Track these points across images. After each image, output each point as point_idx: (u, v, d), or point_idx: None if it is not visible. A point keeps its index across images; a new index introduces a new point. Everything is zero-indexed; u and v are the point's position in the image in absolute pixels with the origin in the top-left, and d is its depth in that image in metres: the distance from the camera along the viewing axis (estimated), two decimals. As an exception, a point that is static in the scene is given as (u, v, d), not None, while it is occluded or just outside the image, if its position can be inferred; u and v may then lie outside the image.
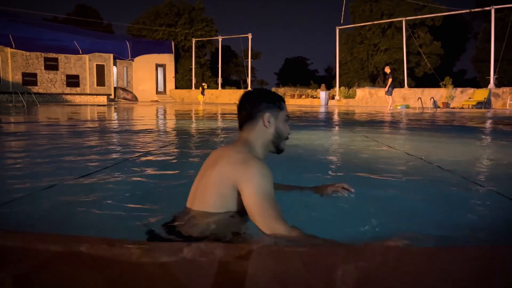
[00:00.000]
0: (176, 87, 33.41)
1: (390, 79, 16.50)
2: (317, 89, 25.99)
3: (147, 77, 31.62)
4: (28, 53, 25.75)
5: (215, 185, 1.51)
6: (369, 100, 22.67)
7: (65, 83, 27.24)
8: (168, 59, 32.56)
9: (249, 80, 30.68)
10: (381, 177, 2.90)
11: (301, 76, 45.45)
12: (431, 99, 17.77)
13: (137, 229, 1.78)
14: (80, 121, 9.98)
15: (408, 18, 25.35)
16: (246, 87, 32.00)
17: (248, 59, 29.92)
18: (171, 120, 11.21)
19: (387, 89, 16.63)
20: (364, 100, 22.83)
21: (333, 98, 24.56)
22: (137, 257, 1.19)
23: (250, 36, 29.12)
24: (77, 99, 26.41)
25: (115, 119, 10.93)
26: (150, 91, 31.81)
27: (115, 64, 29.40)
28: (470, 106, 18.23)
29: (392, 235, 1.41)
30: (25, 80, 25.62)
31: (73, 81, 27.51)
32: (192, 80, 33.03)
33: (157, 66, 32.13)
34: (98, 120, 10.51)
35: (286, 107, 1.73)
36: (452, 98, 19.43)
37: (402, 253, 1.29)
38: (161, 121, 10.96)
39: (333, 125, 8.98)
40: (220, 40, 31.90)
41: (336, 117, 12.42)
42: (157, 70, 32.18)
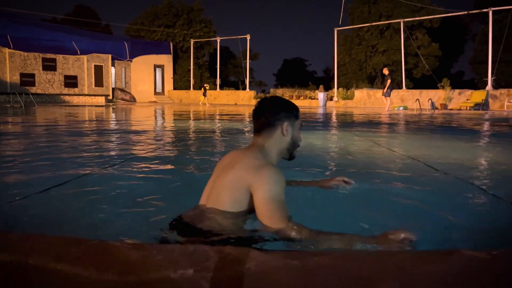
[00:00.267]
0: (175, 88, 33.36)
1: (389, 81, 16.51)
2: (316, 90, 26.02)
3: (145, 78, 31.58)
4: (26, 53, 25.70)
5: (230, 187, 1.59)
6: (367, 101, 22.70)
7: (63, 83, 27.20)
8: (166, 60, 32.53)
9: (247, 81, 30.68)
10: (377, 179, 2.91)
11: (299, 77, 45.49)
12: (429, 100, 17.80)
13: (137, 229, 1.77)
14: (78, 122, 9.96)
15: (406, 19, 25.41)
16: (244, 88, 31.99)
17: (247, 60, 29.92)
18: (174, 121, 11.20)
19: (386, 90, 16.65)
20: (362, 102, 22.86)
21: (331, 99, 24.59)
22: (135, 259, 1.19)
23: (248, 37, 29.14)
24: (75, 99, 26.37)
25: (113, 120, 10.91)
26: (148, 92, 31.76)
27: (113, 64, 29.36)
28: (468, 108, 18.27)
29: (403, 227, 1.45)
30: (23, 81, 25.57)
31: (71, 81, 27.46)
32: (190, 81, 33.00)
33: (156, 67, 32.10)
34: (96, 121, 10.50)
35: (300, 116, 1.81)
36: (450, 100, 19.48)
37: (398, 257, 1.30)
38: (164, 122, 10.95)
39: (331, 126, 8.99)
40: (218, 41, 31.90)
41: (334, 118, 12.43)
42: (155, 71, 32.14)
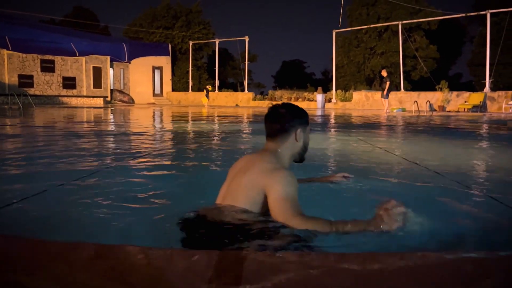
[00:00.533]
0: (173, 90, 33.37)
1: (388, 83, 16.50)
2: (314, 92, 26.05)
3: (144, 79, 31.57)
4: (24, 55, 25.70)
5: (245, 190, 1.69)
6: (365, 103, 22.75)
7: (61, 85, 27.19)
8: (165, 62, 32.53)
9: (246, 83, 30.69)
10: (375, 181, 2.92)
11: (298, 79, 45.53)
12: (427, 102, 17.84)
13: (138, 230, 1.78)
14: (76, 123, 9.96)
15: (404, 22, 25.50)
16: (243, 90, 32.00)
17: (245, 62, 29.93)
18: (178, 123, 11.20)
19: (385, 92, 16.62)
20: (361, 103, 22.90)
21: (329, 101, 24.64)
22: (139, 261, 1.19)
23: (247, 39, 29.19)
24: (74, 101, 26.34)
25: (112, 122, 10.91)
26: (147, 93, 31.75)
27: (112, 66, 29.36)
28: (466, 110, 18.32)
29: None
30: (21, 82, 25.55)
31: (69, 83, 27.45)
32: (189, 82, 33.02)
33: (154, 68, 32.10)
34: (95, 123, 10.50)
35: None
36: (448, 102, 19.54)
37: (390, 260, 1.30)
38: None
39: (329, 128, 9.00)
40: (217, 43, 31.94)
41: (333, 120, 12.45)
42: (154, 72, 32.13)
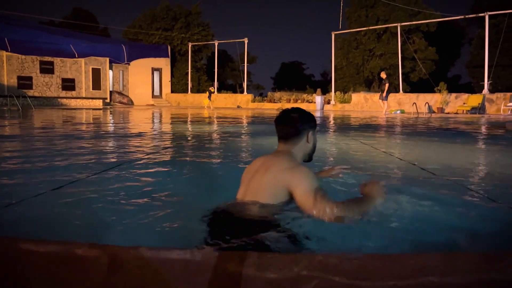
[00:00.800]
0: (172, 91, 33.39)
1: (387, 84, 16.54)
2: (313, 94, 26.08)
3: (143, 81, 31.57)
4: (23, 56, 25.68)
5: (267, 187, 1.80)
6: (364, 105, 22.77)
7: (60, 86, 27.17)
8: (164, 63, 32.55)
9: (245, 85, 30.71)
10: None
11: (297, 81, 45.57)
12: (426, 104, 17.87)
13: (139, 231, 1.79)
14: (76, 125, 9.96)
15: (403, 23, 25.54)
16: (242, 91, 32.03)
17: (244, 63, 29.96)
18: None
19: (385, 94, 16.64)
20: (360, 105, 22.93)
21: (328, 102, 24.66)
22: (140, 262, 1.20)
23: (246, 40, 29.23)
24: (73, 102, 26.31)
25: (111, 123, 10.91)
26: (146, 95, 31.75)
27: (111, 67, 29.36)
28: (465, 111, 18.35)
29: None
30: (20, 84, 25.53)
31: (68, 84, 27.44)
32: (188, 84, 33.05)
33: (153, 70, 32.11)
34: (95, 125, 10.50)
35: None
36: (447, 103, 19.57)
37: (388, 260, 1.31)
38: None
39: (328, 130, 9.01)
40: (216, 44, 31.98)
41: (332, 122, 12.46)
42: (153, 74, 32.14)
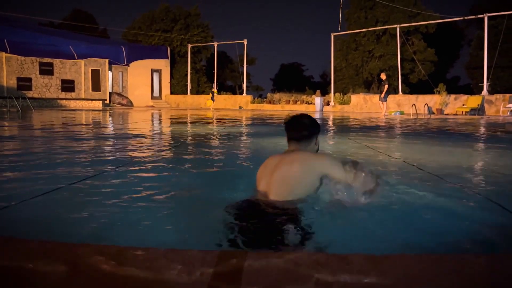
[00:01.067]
0: (172, 93, 33.42)
1: (386, 86, 16.56)
2: (312, 95, 26.08)
3: (143, 82, 31.58)
4: (23, 57, 25.68)
5: (300, 176, 2.06)
6: (363, 106, 22.79)
7: (60, 88, 27.16)
8: (163, 65, 32.57)
9: (244, 86, 30.72)
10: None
11: (296, 82, 45.53)
12: (425, 105, 17.89)
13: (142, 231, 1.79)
14: (76, 126, 9.95)
15: (402, 25, 25.56)
16: (241, 93, 32.04)
17: (244, 65, 29.97)
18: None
19: (383, 95, 16.66)
20: (359, 106, 22.95)
21: (328, 104, 24.66)
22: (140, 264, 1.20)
23: (245, 42, 29.24)
24: (72, 104, 26.31)
25: (111, 124, 10.91)
26: (146, 96, 31.76)
27: (110, 69, 29.36)
28: (464, 113, 18.36)
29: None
30: (20, 85, 25.52)
31: (68, 86, 27.44)
32: (187, 85, 33.08)
33: (153, 71, 32.12)
34: (95, 126, 10.49)
35: None
36: (446, 105, 19.58)
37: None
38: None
39: (328, 131, 9.01)
40: (215, 46, 32.00)
41: (331, 123, 12.47)
42: (152, 75, 32.15)
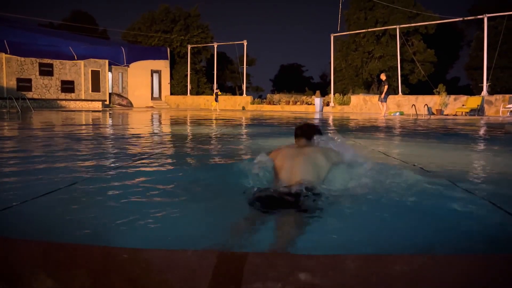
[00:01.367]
0: (172, 93, 33.44)
1: (386, 86, 16.57)
2: (312, 96, 26.09)
3: (143, 83, 31.59)
4: (23, 58, 25.68)
5: (323, 163, 2.55)
6: (363, 106, 22.80)
7: (60, 88, 27.16)
8: (163, 65, 32.58)
9: (244, 87, 30.74)
10: (372, 182, 2.92)
11: (296, 83, 45.50)
12: (425, 106, 17.90)
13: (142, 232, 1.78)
14: (76, 127, 9.95)
15: (402, 26, 25.59)
16: (241, 93, 32.05)
17: (244, 65, 29.98)
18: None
19: (383, 96, 16.67)
20: (359, 107, 22.96)
21: (327, 104, 24.67)
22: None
23: (245, 43, 29.25)
24: (72, 104, 26.31)
25: (111, 125, 10.91)
26: (145, 97, 31.78)
27: (110, 70, 29.37)
28: (464, 113, 18.37)
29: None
30: (19, 86, 25.52)
31: (68, 86, 27.43)
32: (187, 86, 33.10)
33: (153, 72, 32.13)
34: (95, 126, 10.49)
35: None
36: (446, 105, 19.59)
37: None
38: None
39: (327, 131, 9.01)
40: (215, 46, 32.02)
41: (331, 123, 12.47)
42: (152, 76, 32.16)
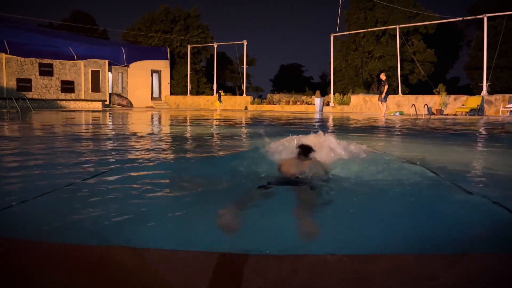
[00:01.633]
0: (171, 93, 33.46)
1: (386, 86, 16.59)
2: (312, 96, 26.10)
3: (143, 83, 31.60)
4: (23, 58, 25.68)
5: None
6: (363, 106, 22.81)
7: (60, 89, 27.17)
8: (163, 65, 32.59)
9: (244, 87, 30.74)
10: (372, 181, 2.92)
11: (296, 83, 45.53)
12: (424, 106, 17.91)
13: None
14: (76, 127, 9.95)
15: (402, 25, 25.61)
16: (241, 93, 32.06)
17: (244, 65, 29.99)
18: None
19: (383, 95, 16.69)
20: (359, 107, 22.96)
21: (327, 104, 24.67)
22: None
23: (245, 43, 29.26)
24: (72, 105, 26.30)
25: (111, 125, 10.90)
26: (145, 97, 31.79)
27: (110, 70, 29.37)
28: (464, 113, 18.38)
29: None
30: (19, 86, 25.53)
31: (68, 87, 27.44)
32: (187, 86, 33.11)
33: (153, 72, 32.14)
34: (96, 126, 10.49)
35: None
36: (446, 105, 19.60)
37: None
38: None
39: (328, 131, 9.01)
40: (215, 46, 32.04)
41: (331, 123, 12.47)
42: (152, 76, 32.17)
